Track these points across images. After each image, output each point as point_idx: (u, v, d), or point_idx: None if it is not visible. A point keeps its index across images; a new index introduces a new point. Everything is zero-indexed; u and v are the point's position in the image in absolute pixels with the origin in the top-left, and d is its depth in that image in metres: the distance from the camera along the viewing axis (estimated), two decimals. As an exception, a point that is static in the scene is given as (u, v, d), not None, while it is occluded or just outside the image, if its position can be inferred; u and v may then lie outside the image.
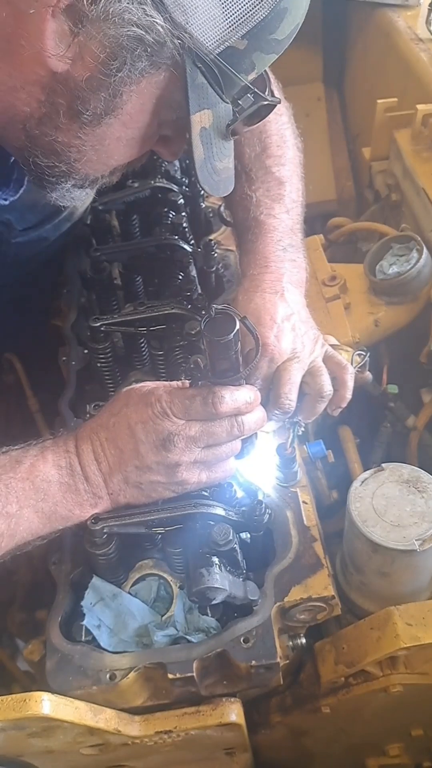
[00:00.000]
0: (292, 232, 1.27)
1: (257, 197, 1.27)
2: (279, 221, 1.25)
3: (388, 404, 1.61)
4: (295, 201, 1.31)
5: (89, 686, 0.96)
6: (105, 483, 0.99)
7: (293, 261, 1.23)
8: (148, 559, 1.09)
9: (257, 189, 1.28)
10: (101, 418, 1.03)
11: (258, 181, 1.29)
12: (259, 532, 1.05)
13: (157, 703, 1.03)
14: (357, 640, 1.09)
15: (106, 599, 1.03)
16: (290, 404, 1.13)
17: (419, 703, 1.18)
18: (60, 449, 1.00)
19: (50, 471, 0.98)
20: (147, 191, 1.53)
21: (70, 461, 0.99)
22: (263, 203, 1.27)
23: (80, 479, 0.99)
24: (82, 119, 0.94)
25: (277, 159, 1.32)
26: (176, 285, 1.34)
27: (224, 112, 0.98)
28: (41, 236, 1.51)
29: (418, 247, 1.56)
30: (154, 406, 0.97)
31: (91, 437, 1.01)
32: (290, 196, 1.30)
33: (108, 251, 1.44)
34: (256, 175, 1.30)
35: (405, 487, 1.09)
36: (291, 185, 1.31)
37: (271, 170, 1.31)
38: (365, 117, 2.35)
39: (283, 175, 1.31)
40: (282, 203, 1.28)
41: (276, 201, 1.28)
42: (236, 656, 0.96)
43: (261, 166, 1.31)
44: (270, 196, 1.28)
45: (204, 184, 1.03)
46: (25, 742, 0.95)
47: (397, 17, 2.23)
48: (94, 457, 1.00)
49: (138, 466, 0.98)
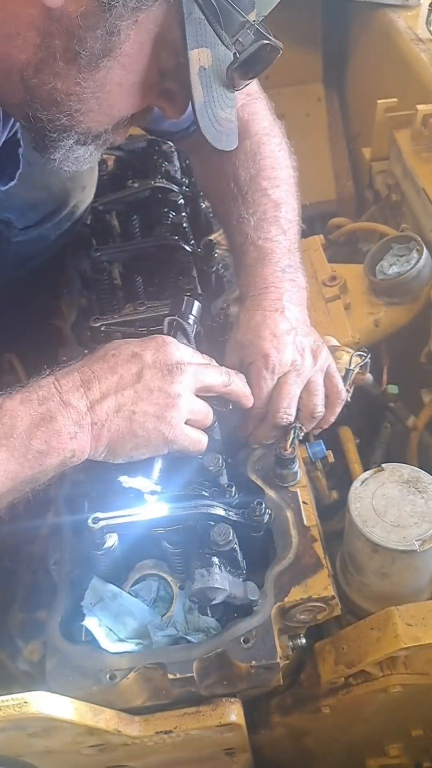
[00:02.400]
0: (290, 252, 1.27)
1: (255, 221, 1.27)
2: (276, 244, 1.26)
3: (388, 404, 1.61)
4: (291, 221, 1.31)
5: (89, 686, 0.96)
6: (90, 409, 0.95)
7: (292, 281, 1.24)
8: (148, 559, 1.09)
9: (254, 213, 1.28)
10: (93, 356, 1.01)
11: (254, 204, 1.29)
12: (259, 533, 1.05)
13: (157, 703, 1.03)
14: (357, 640, 1.09)
15: (106, 599, 1.03)
16: (288, 419, 1.15)
17: (419, 703, 1.18)
18: (31, 387, 0.96)
19: (17, 407, 0.93)
20: (147, 191, 1.53)
21: (43, 394, 0.94)
22: (260, 227, 1.27)
23: (57, 407, 0.93)
24: (79, 62, 0.92)
25: (272, 181, 1.32)
26: (176, 285, 1.34)
27: (224, 56, 0.97)
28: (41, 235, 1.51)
29: (418, 247, 1.56)
30: (164, 340, 1.02)
31: (81, 370, 0.98)
32: (286, 216, 1.30)
33: (108, 251, 1.44)
34: (252, 197, 1.30)
35: (405, 488, 1.09)
36: (287, 206, 1.31)
37: (267, 192, 1.30)
38: (365, 117, 2.35)
39: (279, 197, 1.31)
40: (278, 225, 1.28)
41: (273, 224, 1.28)
42: (236, 656, 0.96)
43: (257, 188, 1.31)
44: (267, 219, 1.28)
45: (205, 132, 1.01)
46: (25, 742, 0.95)
47: (398, 17, 2.23)
48: (81, 384, 0.96)
49: (137, 390, 0.97)
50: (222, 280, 1.51)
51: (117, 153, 1.71)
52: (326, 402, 1.20)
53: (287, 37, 2.62)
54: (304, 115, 2.77)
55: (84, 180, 1.54)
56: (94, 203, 1.53)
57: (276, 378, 1.14)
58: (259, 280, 1.22)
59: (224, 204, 1.35)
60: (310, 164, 2.77)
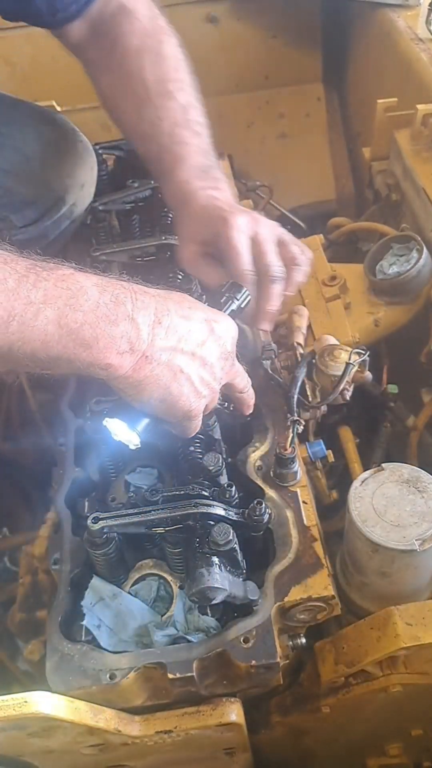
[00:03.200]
0: (206, 153, 1.28)
1: (168, 126, 1.27)
2: (192, 147, 1.26)
3: (388, 404, 1.61)
4: (201, 124, 1.31)
5: (89, 686, 0.96)
6: (151, 341, 0.90)
7: (215, 178, 1.25)
8: (148, 559, 1.09)
9: (165, 117, 1.28)
10: (169, 294, 0.97)
11: (164, 108, 1.28)
12: (259, 532, 1.05)
13: (157, 702, 1.03)
14: (357, 640, 1.09)
15: (106, 599, 1.03)
16: (281, 268, 1.15)
17: (419, 703, 1.18)
18: (109, 280, 0.91)
19: (92, 288, 0.87)
20: (147, 191, 1.53)
21: (119, 294, 0.89)
22: (174, 132, 1.27)
23: (124, 316, 0.88)
24: None
25: (177, 83, 1.30)
26: (176, 284, 1.34)
27: None
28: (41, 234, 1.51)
29: (418, 247, 1.56)
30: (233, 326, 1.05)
31: (157, 299, 0.94)
32: (196, 119, 1.30)
33: (108, 251, 1.44)
34: (161, 102, 1.28)
35: (405, 487, 1.09)
36: (195, 110, 1.31)
37: (174, 95, 1.29)
38: (365, 117, 2.35)
39: (187, 100, 1.30)
40: (190, 128, 1.28)
41: (185, 128, 1.28)
42: (236, 656, 0.96)
43: (163, 91, 1.29)
44: (178, 123, 1.27)
45: None
46: (25, 741, 0.95)
47: (397, 17, 2.23)
48: (155, 312, 0.91)
49: (196, 354, 0.95)
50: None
51: (117, 153, 1.71)
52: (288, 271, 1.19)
53: (287, 37, 2.62)
54: (303, 115, 2.77)
55: (83, 177, 1.54)
56: (94, 203, 1.53)
57: (249, 237, 1.14)
58: (182, 185, 1.23)
59: (134, 109, 1.31)
60: (310, 164, 2.77)
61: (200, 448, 1.12)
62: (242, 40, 2.57)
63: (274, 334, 1.48)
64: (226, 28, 2.54)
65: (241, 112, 2.74)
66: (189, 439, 1.11)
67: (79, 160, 1.54)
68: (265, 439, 1.21)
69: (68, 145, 1.53)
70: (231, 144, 2.71)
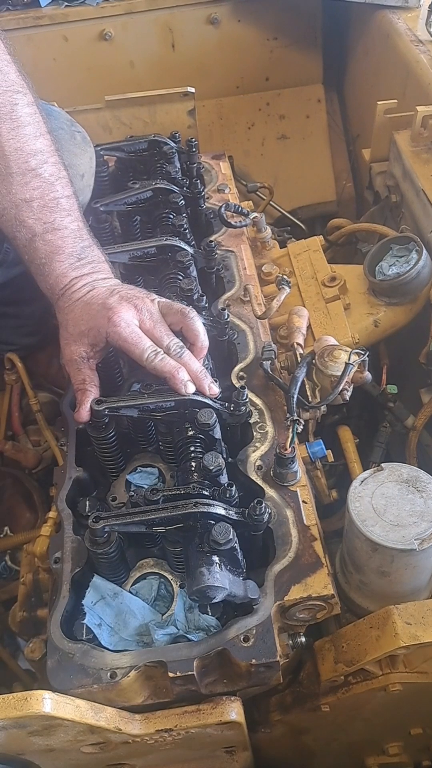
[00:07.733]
0: (79, 232, 1.24)
1: (35, 209, 1.20)
2: (64, 231, 1.22)
3: (387, 404, 1.61)
4: (69, 197, 1.24)
5: (90, 685, 0.96)
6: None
7: (91, 263, 1.23)
8: (149, 558, 1.09)
9: (31, 199, 1.20)
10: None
11: (29, 188, 1.19)
12: (259, 531, 1.06)
13: (157, 701, 1.03)
14: (356, 638, 1.10)
15: (107, 598, 1.04)
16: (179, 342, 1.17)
17: (418, 701, 1.19)
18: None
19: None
20: (148, 192, 1.54)
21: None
22: (43, 216, 1.20)
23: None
24: None
25: (39, 156, 1.21)
26: (177, 285, 1.34)
27: None
28: None
29: (418, 248, 1.56)
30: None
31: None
32: (64, 194, 1.23)
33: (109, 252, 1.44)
34: (24, 180, 1.19)
35: (404, 487, 1.09)
36: (60, 181, 1.23)
37: (38, 172, 1.20)
38: (365, 118, 2.36)
39: (51, 172, 1.22)
40: (60, 208, 1.22)
41: (55, 209, 1.21)
42: (236, 655, 0.97)
43: (26, 168, 1.20)
44: (47, 205, 1.21)
45: None
46: (26, 740, 0.95)
47: (397, 19, 2.24)
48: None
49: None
50: (222, 280, 1.51)
51: (117, 154, 1.72)
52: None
53: (287, 39, 2.63)
54: (304, 117, 2.78)
55: (82, 167, 1.53)
56: (94, 203, 1.53)
57: (137, 327, 1.15)
58: (60, 278, 1.20)
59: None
60: (310, 165, 2.78)
61: (200, 448, 1.12)
62: (243, 42, 2.59)
63: (274, 335, 1.49)
64: (228, 30, 2.55)
65: (242, 113, 2.75)
66: (189, 439, 1.11)
67: (79, 151, 1.54)
68: (265, 439, 1.21)
69: (66, 135, 1.53)
70: (231, 145, 2.72)
